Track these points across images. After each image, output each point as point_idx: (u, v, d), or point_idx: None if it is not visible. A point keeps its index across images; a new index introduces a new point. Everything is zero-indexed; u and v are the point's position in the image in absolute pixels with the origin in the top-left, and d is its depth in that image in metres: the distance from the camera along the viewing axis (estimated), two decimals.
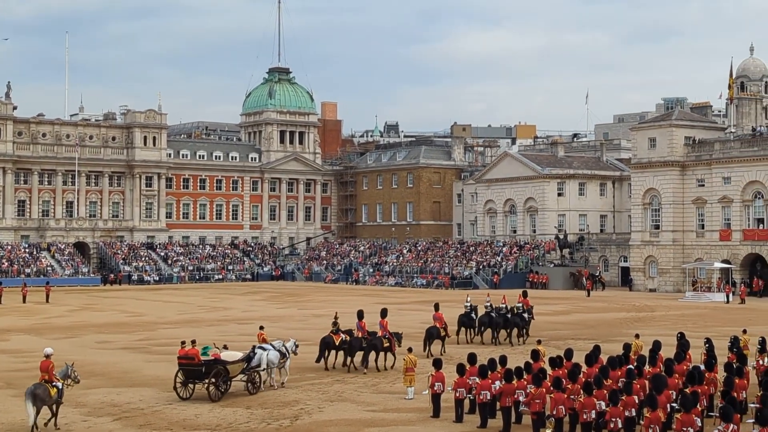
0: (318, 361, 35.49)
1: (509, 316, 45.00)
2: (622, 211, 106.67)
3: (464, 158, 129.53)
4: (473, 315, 45.32)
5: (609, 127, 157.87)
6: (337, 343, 35.68)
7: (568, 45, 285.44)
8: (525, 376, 25.46)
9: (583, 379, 24.37)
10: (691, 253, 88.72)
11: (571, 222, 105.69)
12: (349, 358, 35.71)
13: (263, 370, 31.22)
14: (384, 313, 37.54)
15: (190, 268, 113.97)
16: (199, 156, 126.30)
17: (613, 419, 21.71)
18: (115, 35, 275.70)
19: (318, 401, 29.38)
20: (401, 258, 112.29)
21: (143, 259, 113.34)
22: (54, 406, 25.14)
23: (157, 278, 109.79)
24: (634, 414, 22.72)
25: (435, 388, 26.95)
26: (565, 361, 27.00)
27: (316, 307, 70.00)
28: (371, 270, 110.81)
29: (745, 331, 35.83)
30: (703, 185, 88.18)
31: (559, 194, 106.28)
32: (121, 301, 77.85)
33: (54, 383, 25.14)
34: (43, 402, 24.67)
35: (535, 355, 28.06)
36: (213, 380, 29.26)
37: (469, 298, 47.77)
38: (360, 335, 36.07)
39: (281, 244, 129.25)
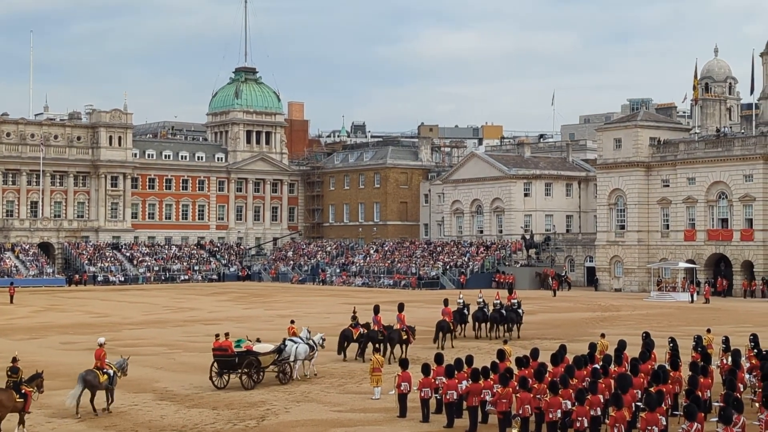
0: (339, 353, 37.77)
1: (503, 311, 46.63)
2: (588, 211, 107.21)
3: (431, 159, 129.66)
4: (465, 311, 46.69)
5: (575, 128, 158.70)
6: (355, 336, 38.24)
7: (534, 46, 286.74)
8: (491, 376, 25.51)
9: (549, 379, 24.45)
10: (656, 253, 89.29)
11: (538, 222, 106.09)
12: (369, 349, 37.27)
13: (293, 361, 33.01)
14: (401, 307, 40.42)
15: (156, 268, 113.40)
16: (165, 156, 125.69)
17: (579, 418, 21.78)
18: (80, 35, 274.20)
19: (284, 402, 29.32)
20: (368, 258, 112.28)
21: (108, 259, 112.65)
22: (106, 392, 27.37)
23: (123, 279, 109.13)
24: (599, 413, 22.82)
25: (401, 388, 26.96)
26: (531, 360, 27.08)
27: (282, 307, 69.83)
28: (338, 270, 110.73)
29: (709, 331, 36.10)
30: (668, 186, 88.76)
31: (526, 194, 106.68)
32: (86, 302, 77.34)
33: (105, 370, 27.39)
34: (93, 386, 26.86)
35: (501, 354, 28.14)
36: (246, 370, 31.20)
37: (461, 296, 48.99)
38: (376, 328, 38.26)
39: (248, 245, 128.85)
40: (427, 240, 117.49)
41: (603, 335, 34.35)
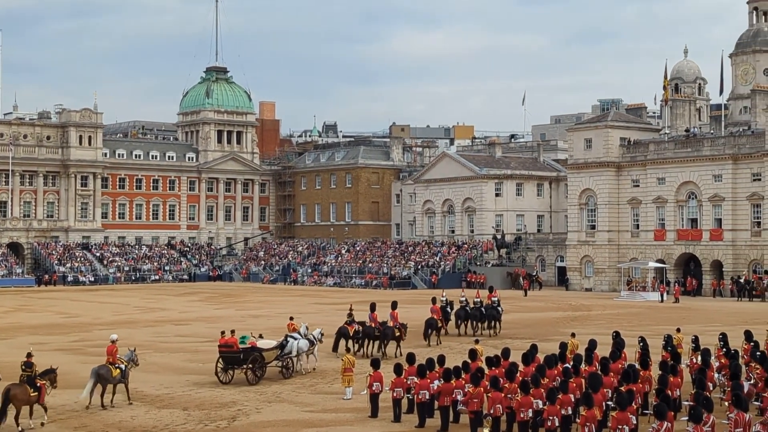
0: (334, 349, 38.64)
1: (483, 309, 48.08)
2: (559, 211, 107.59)
3: (403, 158, 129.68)
4: (449, 309, 47.65)
5: (546, 128, 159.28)
6: (351, 333, 39.32)
7: (506, 47, 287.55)
8: (463, 376, 25.55)
9: (521, 378, 24.51)
10: (626, 253, 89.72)
11: (509, 222, 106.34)
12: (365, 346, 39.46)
13: (295, 356, 34.20)
14: (395, 305, 41.63)
15: (126, 268, 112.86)
16: (136, 155, 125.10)
17: (550, 417, 21.86)
18: (50, 34, 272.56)
19: (256, 402, 29.26)
20: (340, 258, 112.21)
21: (78, 259, 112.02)
22: (120, 385, 28.65)
23: (93, 279, 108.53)
24: (570, 412, 22.90)
25: (373, 388, 26.96)
26: (502, 360, 27.14)
27: (253, 307, 69.71)
28: (309, 270, 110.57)
29: (678, 330, 36.33)
30: (638, 186, 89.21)
31: (497, 194, 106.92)
32: (56, 302, 76.86)
33: (117, 365, 28.62)
34: (106, 381, 28.02)
35: (473, 354, 28.18)
36: (250, 366, 32.26)
37: (444, 294, 49.56)
38: (372, 325, 39.65)
39: (219, 245, 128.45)
40: (399, 240, 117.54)
41: (573, 335, 34.46)
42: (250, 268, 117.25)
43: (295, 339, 34.53)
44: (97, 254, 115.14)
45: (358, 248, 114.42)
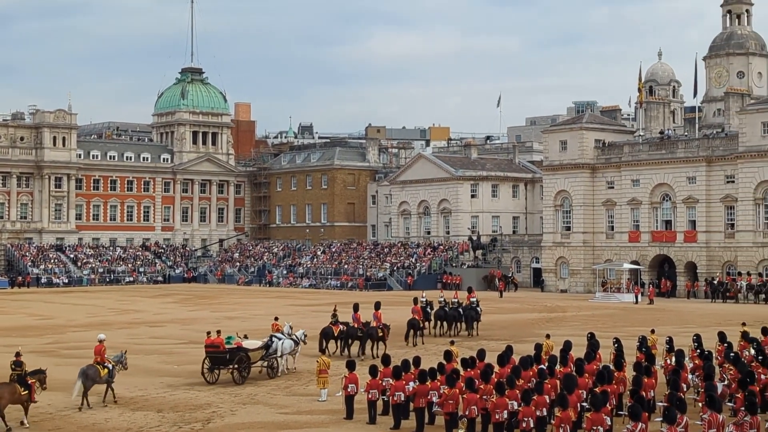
0: (321, 350, 38.20)
1: (462, 310, 48.82)
2: (534, 212, 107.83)
3: (378, 160, 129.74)
4: (429, 309, 48.47)
5: (521, 130, 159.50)
6: (336, 334, 39.58)
7: (481, 48, 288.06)
8: (438, 377, 25.55)
9: (496, 380, 24.52)
10: (601, 255, 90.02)
11: (484, 223, 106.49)
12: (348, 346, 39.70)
13: (280, 356, 34.58)
14: (378, 305, 41.85)
15: (101, 270, 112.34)
16: (110, 157, 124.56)
17: (525, 419, 21.88)
18: (24, 34, 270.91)
19: (230, 404, 29.17)
20: (315, 260, 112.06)
21: (52, 261, 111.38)
22: (106, 385, 28.91)
23: (67, 281, 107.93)
24: (545, 413, 22.94)
25: (348, 390, 26.93)
26: (477, 361, 27.17)
27: (228, 309, 69.48)
28: (285, 272, 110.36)
29: (653, 331, 36.48)
30: (613, 187, 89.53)
31: (473, 196, 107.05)
32: (30, 304, 76.36)
33: (105, 365, 28.99)
34: (93, 380, 28.37)
35: (448, 355, 28.18)
36: (236, 366, 32.63)
37: (424, 295, 50.32)
38: (356, 326, 39.97)
39: (193, 246, 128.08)
40: (375, 241, 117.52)
41: (548, 336, 34.53)
42: (225, 269, 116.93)
43: (280, 339, 34.85)
44: (71, 256, 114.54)
45: (333, 249, 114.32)
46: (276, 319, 39.34)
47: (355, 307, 41.53)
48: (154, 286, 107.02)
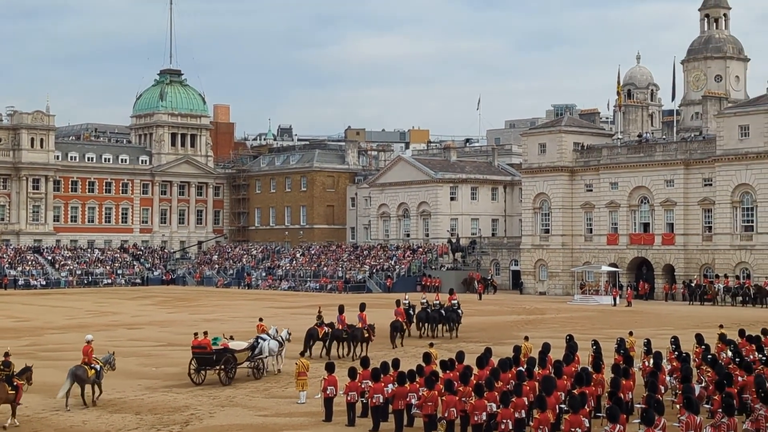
0: (303, 352, 37.45)
1: (443, 312, 49.38)
2: (513, 215, 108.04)
3: (358, 162, 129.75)
4: (411, 312, 49.29)
5: (500, 133, 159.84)
6: (320, 335, 39.91)
7: (460, 51, 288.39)
8: (417, 379, 25.56)
9: (475, 382, 24.55)
10: (580, 257, 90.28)
11: (464, 226, 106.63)
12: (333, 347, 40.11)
13: (266, 357, 34.84)
14: (363, 307, 42.47)
15: (79, 272, 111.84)
16: (88, 158, 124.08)
17: (504, 420, 21.92)
18: (1, 36, 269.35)
19: (209, 406, 29.10)
20: (294, 262, 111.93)
21: (30, 263, 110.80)
22: (94, 385, 29.08)
23: (45, 283, 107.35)
24: (524, 415, 22.99)
25: (327, 392, 26.91)
26: (456, 363, 27.21)
27: (207, 311, 69.32)
28: (264, 274, 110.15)
29: (631, 333, 36.62)
30: (591, 190, 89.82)
31: (452, 198, 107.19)
32: (7, 306, 75.91)
33: (93, 365, 29.05)
34: (82, 380, 28.58)
35: (427, 357, 28.20)
36: (223, 367, 32.94)
37: (407, 297, 50.75)
38: (340, 327, 40.21)
39: (172, 248, 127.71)
40: (354, 243, 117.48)
41: (527, 338, 34.62)
42: (204, 271, 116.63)
43: (265, 340, 35.09)
44: (49, 258, 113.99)
45: (312, 252, 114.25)
46: (261, 320, 39.72)
47: (340, 309, 41.81)
48: (133, 289, 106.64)
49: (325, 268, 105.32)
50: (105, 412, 28.00)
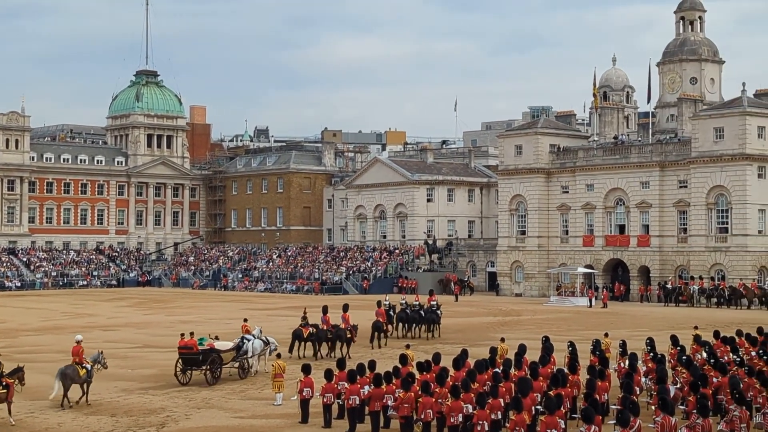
0: (290, 351, 39.77)
1: (423, 312, 50.06)
2: (490, 216, 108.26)
3: (335, 164, 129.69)
4: (391, 312, 49.97)
5: (477, 135, 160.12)
6: (305, 335, 40.42)
7: (437, 53, 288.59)
8: (394, 381, 25.57)
9: (451, 383, 24.59)
10: (556, 259, 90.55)
11: (440, 227, 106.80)
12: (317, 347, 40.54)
13: (251, 357, 35.20)
14: (346, 308, 43.24)
15: (54, 273, 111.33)
16: (64, 159, 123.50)
17: (480, 422, 21.95)
18: None
19: (185, 408, 29.04)
20: (271, 263, 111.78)
21: (5, 264, 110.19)
22: (84, 385, 29.46)
23: (20, 284, 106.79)
24: (500, 416, 23.04)
25: (304, 394, 26.91)
26: (433, 365, 27.23)
27: (183, 313, 69.17)
28: (240, 276, 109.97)
29: (606, 335, 36.77)
30: (567, 192, 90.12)
31: (428, 200, 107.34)
32: None
33: (83, 365, 29.54)
34: (72, 380, 29.02)
35: (403, 359, 28.23)
36: (209, 367, 33.29)
37: (387, 298, 51.52)
38: (325, 327, 40.76)
39: (148, 250, 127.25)
40: (331, 245, 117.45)
41: (503, 339, 34.68)
42: (180, 273, 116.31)
43: (250, 340, 35.55)
44: (24, 259, 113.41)
45: (289, 253, 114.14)
46: (245, 320, 40.18)
47: (324, 310, 42.20)
48: (108, 290, 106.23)
49: (301, 270, 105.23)
50: (80, 414, 27.89)
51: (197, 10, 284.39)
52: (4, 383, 26.79)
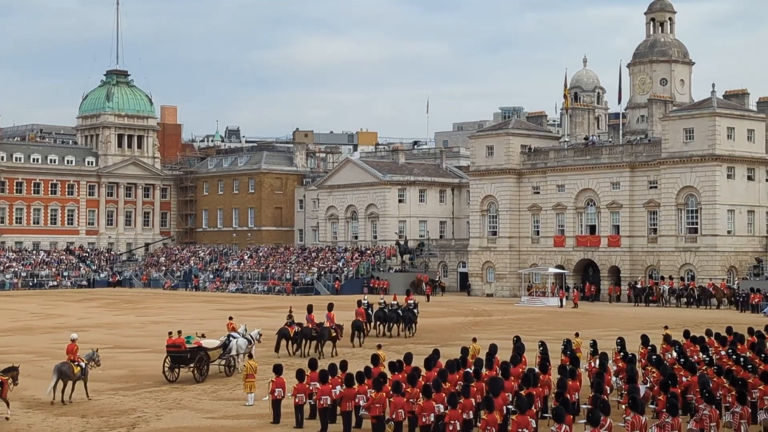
0: (276, 350, 40.69)
1: (400, 312, 50.96)
2: (461, 217, 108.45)
3: (306, 164, 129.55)
4: (369, 311, 50.62)
5: (448, 135, 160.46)
6: (291, 334, 41.35)
7: (408, 54, 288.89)
8: (365, 381, 25.59)
9: (422, 383, 24.63)
10: (527, 259, 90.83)
11: (412, 228, 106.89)
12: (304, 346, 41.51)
13: (237, 355, 35.65)
14: (330, 307, 44.32)
15: (24, 274, 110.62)
16: (34, 159, 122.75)
17: (452, 422, 21.99)
18: None
19: (156, 409, 28.94)
20: (242, 264, 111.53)
21: None
22: (79, 382, 30.03)
23: None
24: (471, 416, 23.10)
25: (275, 394, 26.88)
26: (404, 365, 27.27)
27: (154, 313, 68.90)
28: (212, 276, 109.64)
29: (577, 335, 36.92)
30: (538, 192, 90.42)
31: (400, 200, 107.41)
32: None
33: (78, 363, 30.08)
34: (67, 377, 29.57)
35: (375, 359, 28.26)
36: (197, 364, 33.84)
37: (365, 297, 52.78)
38: (310, 326, 41.62)
39: (119, 250, 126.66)
40: (302, 246, 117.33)
41: (475, 339, 34.77)
42: (151, 273, 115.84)
43: (235, 338, 36.06)
44: None
45: (260, 254, 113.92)
46: (230, 318, 40.72)
47: (309, 309, 43.07)
48: (79, 291, 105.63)
49: (273, 270, 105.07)
50: (50, 415, 27.75)
51: (168, 9, 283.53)
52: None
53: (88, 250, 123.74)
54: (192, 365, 33.94)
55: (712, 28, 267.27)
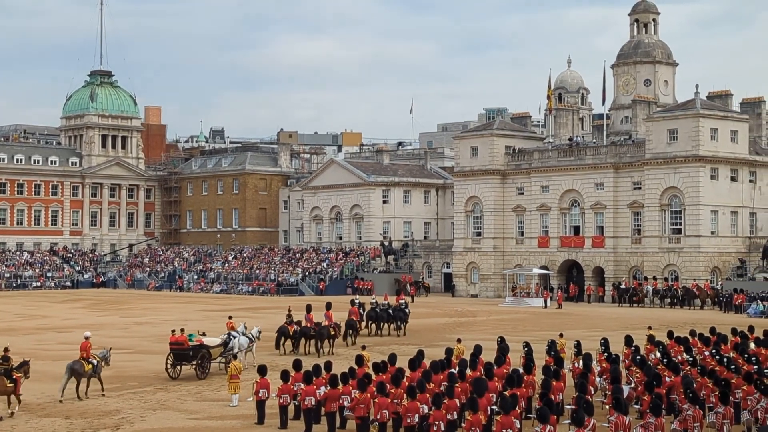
0: (277, 347, 41.88)
1: (391, 311, 52.45)
2: (446, 218, 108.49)
3: (291, 165, 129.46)
4: (361, 311, 51.26)
5: (433, 136, 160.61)
6: (291, 333, 42.47)
7: (393, 55, 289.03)
8: (350, 382, 25.60)
9: (407, 384, 24.66)
10: (511, 260, 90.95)
11: (396, 229, 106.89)
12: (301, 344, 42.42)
13: (237, 353, 35.93)
14: (329, 306, 45.59)
15: (7, 275, 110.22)
16: (17, 160, 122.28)
17: (436, 422, 22.03)
18: None
19: (140, 410, 28.89)
20: (227, 265, 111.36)
21: None
22: (91, 379, 30.92)
23: None
24: (456, 417, 23.13)
25: (260, 395, 26.87)
26: (389, 365, 27.28)
27: (138, 314, 68.73)
28: (196, 277, 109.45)
29: (561, 335, 36.99)
30: (523, 193, 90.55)
31: (384, 201, 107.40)
32: None
33: (90, 360, 30.90)
34: (79, 375, 30.41)
35: (360, 360, 28.26)
36: (199, 362, 34.64)
37: (357, 297, 54.09)
38: (309, 325, 42.83)
39: (103, 251, 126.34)
40: (287, 246, 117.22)
41: (459, 340, 34.84)
42: (135, 274, 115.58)
43: (236, 337, 36.90)
44: None
45: (245, 255, 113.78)
46: (230, 317, 41.39)
47: (308, 308, 44.45)
48: (63, 292, 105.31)
49: (257, 271, 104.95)
50: (34, 417, 27.68)
51: (152, 10, 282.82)
52: (13, 377, 28.14)
53: (72, 250, 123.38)
54: (194, 362, 34.63)
55: (696, 29, 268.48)
